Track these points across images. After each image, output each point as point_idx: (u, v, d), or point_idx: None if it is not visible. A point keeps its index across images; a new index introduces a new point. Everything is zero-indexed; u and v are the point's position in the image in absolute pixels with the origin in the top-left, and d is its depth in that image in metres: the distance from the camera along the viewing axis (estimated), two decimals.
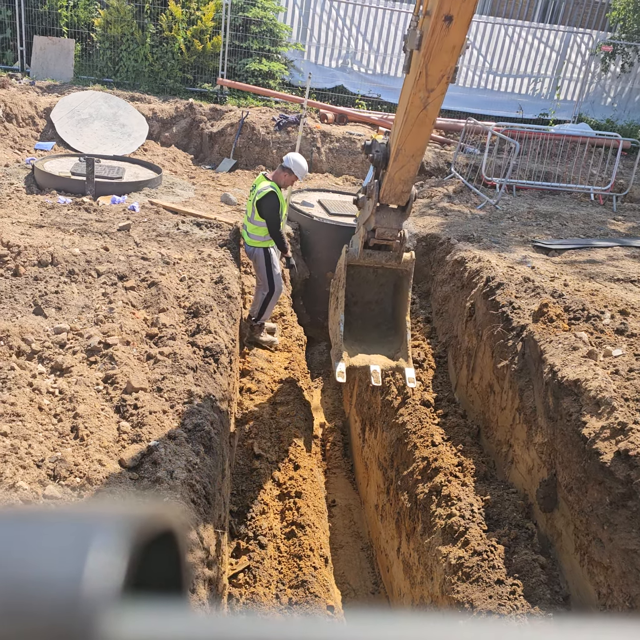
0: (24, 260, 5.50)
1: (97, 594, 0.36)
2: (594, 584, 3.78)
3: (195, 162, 12.23)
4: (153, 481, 3.29)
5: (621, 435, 3.80)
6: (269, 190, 6.47)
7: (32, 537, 0.39)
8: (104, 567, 0.37)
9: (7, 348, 4.05)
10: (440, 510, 4.82)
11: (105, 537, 0.38)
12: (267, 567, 4.66)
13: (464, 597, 4.08)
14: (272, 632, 0.38)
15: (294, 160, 6.63)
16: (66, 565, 0.37)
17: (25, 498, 2.86)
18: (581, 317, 5.25)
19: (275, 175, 6.68)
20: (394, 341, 5.68)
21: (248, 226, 6.78)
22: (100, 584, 0.36)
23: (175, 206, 8.51)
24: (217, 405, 4.38)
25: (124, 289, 5.25)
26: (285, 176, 6.64)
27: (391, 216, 5.06)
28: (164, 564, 0.44)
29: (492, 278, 6.24)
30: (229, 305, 5.70)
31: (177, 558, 0.45)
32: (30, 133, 11.06)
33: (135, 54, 13.62)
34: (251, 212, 6.67)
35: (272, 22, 14.54)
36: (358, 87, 15.71)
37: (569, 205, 10.65)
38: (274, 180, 6.62)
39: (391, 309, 5.90)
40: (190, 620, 0.38)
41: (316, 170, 12.30)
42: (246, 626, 0.38)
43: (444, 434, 5.70)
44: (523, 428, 4.91)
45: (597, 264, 7.48)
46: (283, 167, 6.64)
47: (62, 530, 0.40)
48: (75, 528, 0.40)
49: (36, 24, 13.58)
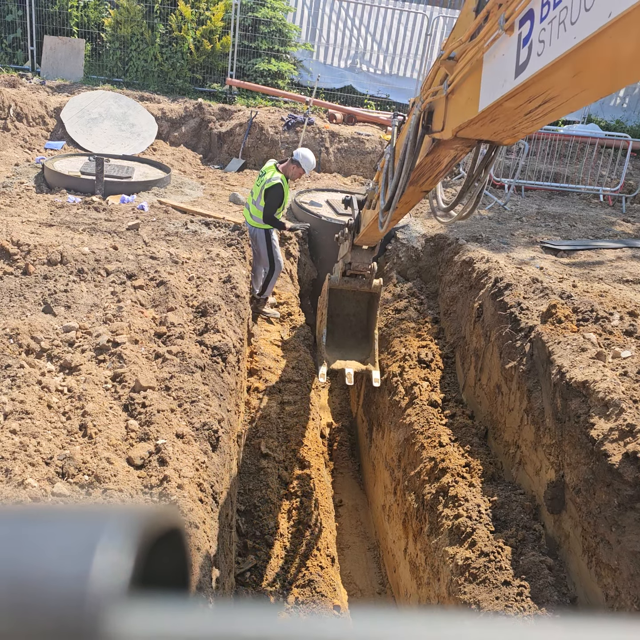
0: (34, 259, 5.53)
1: (104, 591, 0.36)
2: (601, 586, 3.77)
3: (204, 162, 12.26)
4: (161, 479, 3.30)
5: (630, 437, 3.78)
6: (278, 181, 7.01)
7: (39, 535, 0.39)
8: (110, 565, 0.37)
9: (17, 346, 4.08)
10: (447, 511, 4.81)
11: (111, 535, 0.38)
12: (274, 566, 4.67)
13: (471, 598, 4.08)
14: (278, 629, 0.38)
15: (303, 155, 7.21)
16: (73, 563, 0.37)
17: (34, 495, 2.87)
18: (590, 318, 5.23)
19: (284, 167, 7.22)
20: (366, 348, 7.12)
21: (251, 208, 7.31)
22: (107, 582, 0.37)
23: (184, 206, 8.53)
24: (224, 404, 4.39)
25: (133, 287, 5.27)
26: (294, 169, 7.20)
27: (363, 254, 6.42)
28: (169, 562, 0.45)
29: (501, 279, 6.22)
30: (237, 304, 5.71)
31: (183, 556, 0.46)
32: (40, 132, 11.12)
33: (144, 54, 13.66)
34: (257, 196, 7.17)
35: (281, 22, 14.54)
36: (367, 87, 15.69)
37: (577, 206, 10.60)
38: (283, 172, 7.15)
39: (366, 321, 7.32)
40: (196, 617, 0.39)
41: (325, 170, 12.29)
42: (252, 623, 0.38)
43: (451, 434, 5.69)
44: (531, 429, 4.89)
45: (606, 265, 7.44)
46: (292, 160, 7.21)
47: (69, 529, 0.41)
48: (82, 526, 0.41)
49: (46, 24, 13.64)
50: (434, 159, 3.52)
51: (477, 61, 2.57)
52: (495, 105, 2.39)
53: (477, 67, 2.60)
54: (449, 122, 2.98)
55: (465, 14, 2.78)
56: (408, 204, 4.30)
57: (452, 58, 2.83)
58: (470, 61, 2.61)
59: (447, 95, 2.96)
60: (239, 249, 6.98)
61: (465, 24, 2.77)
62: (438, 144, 3.28)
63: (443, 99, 3.03)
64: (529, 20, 2.13)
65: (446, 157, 3.49)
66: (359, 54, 15.96)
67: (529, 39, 2.13)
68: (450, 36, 3.02)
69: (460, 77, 2.77)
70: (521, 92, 2.21)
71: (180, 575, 0.46)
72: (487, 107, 2.46)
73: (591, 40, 1.74)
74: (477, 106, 2.55)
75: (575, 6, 1.82)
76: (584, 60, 1.86)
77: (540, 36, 2.04)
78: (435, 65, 3.15)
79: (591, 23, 1.73)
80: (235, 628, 0.38)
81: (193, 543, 3.14)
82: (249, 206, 7.41)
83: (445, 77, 2.98)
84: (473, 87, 2.64)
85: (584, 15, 1.77)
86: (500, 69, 2.34)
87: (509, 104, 2.33)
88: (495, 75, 2.41)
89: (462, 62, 2.71)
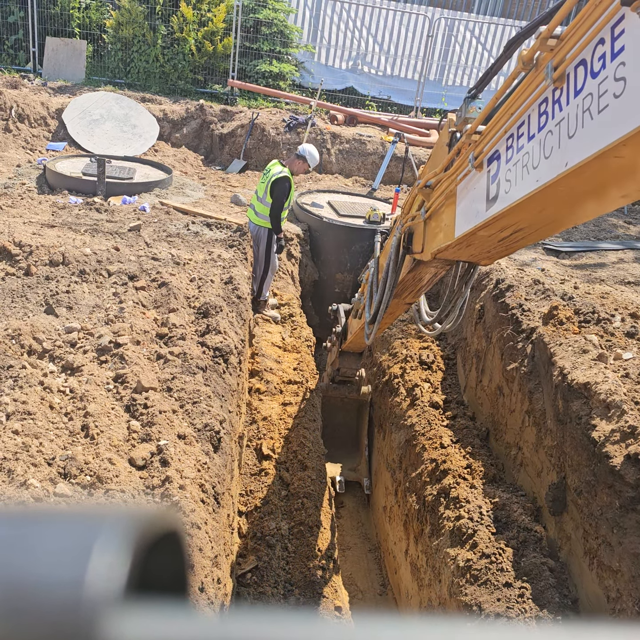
0: (36, 259, 5.54)
1: (99, 595, 0.36)
2: (603, 588, 3.76)
3: (205, 163, 12.27)
4: (163, 480, 3.30)
5: (631, 439, 3.77)
6: (284, 175, 7.12)
7: (34, 538, 0.39)
8: (107, 569, 0.37)
9: (19, 347, 4.08)
10: (448, 513, 4.80)
11: (108, 538, 0.38)
12: (275, 567, 4.67)
13: (472, 600, 4.07)
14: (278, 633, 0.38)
15: (309, 150, 7.35)
16: (69, 567, 0.37)
17: (36, 496, 2.88)
18: (591, 320, 5.22)
19: (289, 162, 7.33)
20: (356, 457, 7.39)
21: (257, 206, 7.37)
22: (103, 586, 0.36)
23: (185, 207, 8.54)
24: (226, 406, 4.39)
25: (135, 289, 5.28)
26: (299, 164, 7.32)
27: (351, 359, 6.46)
28: (167, 566, 0.44)
29: (502, 280, 6.22)
30: (238, 305, 5.71)
31: (181, 559, 0.46)
32: (42, 133, 11.14)
33: (146, 55, 13.67)
34: (263, 192, 7.23)
35: (282, 23, 14.55)
36: (368, 89, 15.69)
37: None
38: (287, 167, 7.25)
39: (355, 430, 7.52)
40: (194, 622, 0.39)
41: (326, 172, 12.29)
42: (252, 627, 0.38)
43: (452, 436, 5.69)
44: (532, 431, 4.89)
45: (608, 266, 7.43)
46: (298, 155, 7.32)
47: (64, 532, 0.41)
48: (78, 529, 0.41)
49: (48, 25, 13.66)
50: (416, 276, 3.68)
51: (451, 192, 2.72)
52: (470, 233, 2.53)
53: (451, 197, 2.75)
54: (428, 245, 3.13)
55: (439, 147, 2.95)
56: (392, 314, 4.46)
57: (429, 186, 2.99)
58: (445, 191, 2.77)
59: (425, 220, 3.12)
60: (241, 250, 6.98)
61: (439, 155, 2.94)
62: (418, 263, 3.43)
63: (421, 224, 3.18)
64: (496, 161, 2.30)
65: (427, 274, 3.67)
66: (360, 55, 15.96)
67: (496, 177, 2.29)
68: (427, 166, 3.20)
69: (436, 205, 2.93)
70: (493, 223, 2.35)
71: (179, 579, 0.46)
72: (462, 235, 2.60)
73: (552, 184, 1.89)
74: (454, 233, 2.69)
75: (536, 153, 1.99)
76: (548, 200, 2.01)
77: (507, 176, 2.20)
78: (412, 192, 3.33)
79: (551, 169, 1.88)
80: (233, 633, 0.38)
81: (195, 544, 3.14)
82: (254, 205, 7.46)
83: (422, 204, 3.13)
84: (449, 215, 2.78)
85: (544, 161, 1.93)
86: (473, 201, 2.49)
87: (482, 232, 2.48)
88: (468, 206, 2.55)
89: (438, 191, 2.89)
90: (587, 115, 1.69)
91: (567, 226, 2.25)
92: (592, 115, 1.67)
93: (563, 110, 1.83)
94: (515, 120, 2.11)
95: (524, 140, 2.07)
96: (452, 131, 2.72)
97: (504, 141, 2.22)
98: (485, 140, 2.31)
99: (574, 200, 1.93)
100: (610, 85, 1.59)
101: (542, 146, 1.94)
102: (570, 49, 1.74)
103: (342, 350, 6.41)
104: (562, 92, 1.83)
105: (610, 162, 1.64)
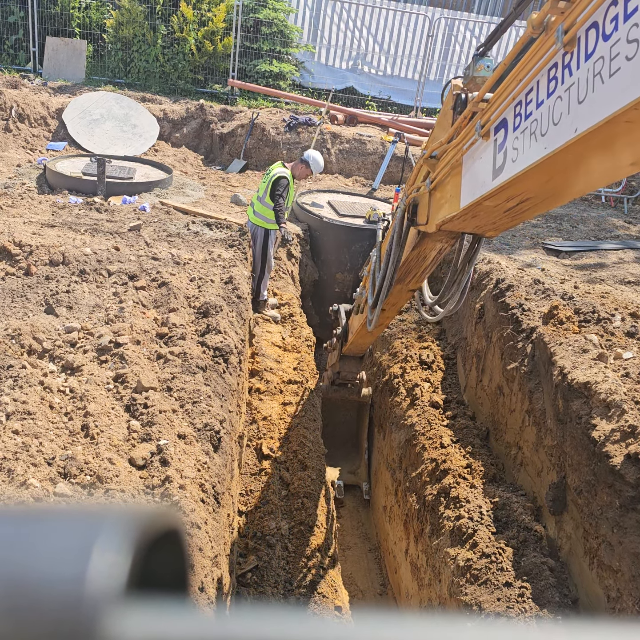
0: (36, 259, 5.54)
1: (100, 593, 0.36)
2: (603, 588, 3.76)
3: (205, 163, 12.27)
4: (163, 480, 3.30)
5: (631, 438, 3.78)
6: (285, 175, 7.23)
7: (35, 536, 0.39)
8: (108, 567, 0.37)
9: (19, 346, 4.08)
10: (448, 512, 4.80)
11: (109, 536, 0.38)
12: (275, 567, 4.67)
13: (472, 599, 4.07)
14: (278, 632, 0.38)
15: (314, 157, 7.43)
16: (70, 564, 0.37)
17: (36, 495, 2.88)
18: (591, 319, 5.22)
19: (293, 166, 7.43)
20: (356, 458, 7.39)
21: (256, 205, 7.45)
22: (104, 583, 0.36)
23: (185, 207, 8.54)
24: (226, 405, 4.39)
25: (135, 288, 5.28)
26: (302, 168, 7.39)
27: (352, 363, 6.44)
28: (168, 564, 0.44)
29: (502, 280, 6.22)
30: (238, 305, 5.71)
31: (182, 557, 0.46)
32: (42, 133, 11.14)
33: (146, 55, 13.67)
34: (263, 192, 7.31)
35: (282, 23, 14.54)
36: (368, 89, 15.69)
37: (579, 207, 10.59)
38: (290, 169, 7.35)
39: (355, 430, 7.48)
40: (194, 620, 0.39)
41: (326, 172, 12.29)
42: (252, 626, 0.38)
43: (452, 435, 5.69)
44: (532, 430, 4.89)
45: (608, 266, 7.43)
46: (302, 160, 7.40)
47: (66, 530, 0.41)
48: (79, 527, 0.41)
49: (48, 25, 13.66)
50: (420, 253, 3.60)
51: (457, 162, 2.69)
52: (476, 203, 2.50)
53: (457, 167, 2.72)
54: (433, 216, 3.10)
55: (444, 114, 2.91)
56: (395, 305, 4.39)
57: (434, 157, 2.96)
58: (451, 162, 2.73)
59: (430, 191, 3.08)
60: (241, 250, 6.98)
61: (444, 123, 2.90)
62: (423, 236, 3.39)
63: (426, 195, 3.15)
64: (504, 129, 2.26)
65: (432, 250, 3.59)
66: (360, 55, 15.96)
67: (503, 145, 2.25)
68: (431, 136, 3.17)
69: (442, 176, 2.89)
70: (499, 193, 2.32)
71: (179, 577, 0.46)
72: (467, 205, 2.57)
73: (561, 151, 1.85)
74: (459, 204, 2.67)
75: (544, 119, 1.95)
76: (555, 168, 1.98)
77: (514, 144, 2.17)
78: (418, 163, 3.28)
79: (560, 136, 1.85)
80: (232, 631, 0.38)
81: (195, 543, 3.15)
82: (253, 204, 7.52)
83: (427, 174, 3.10)
84: (454, 186, 2.75)
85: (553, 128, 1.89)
86: (479, 171, 2.46)
87: (488, 202, 2.45)
88: (474, 176, 2.52)
89: (443, 161, 2.85)
90: (598, 80, 1.65)
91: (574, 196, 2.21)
92: (603, 79, 1.62)
93: (573, 75, 1.78)
94: (524, 86, 2.06)
95: (533, 107, 2.03)
96: (457, 93, 2.67)
97: (512, 108, 2.17)
98: (493, 108, 2.27)
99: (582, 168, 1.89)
100: (623, 48, 1.54)
101: (550, 112, 1.90)
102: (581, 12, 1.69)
103: (343, 354, 6.42)
104: (573, 57, 1.78)
105: (621, 127, 1.60)
